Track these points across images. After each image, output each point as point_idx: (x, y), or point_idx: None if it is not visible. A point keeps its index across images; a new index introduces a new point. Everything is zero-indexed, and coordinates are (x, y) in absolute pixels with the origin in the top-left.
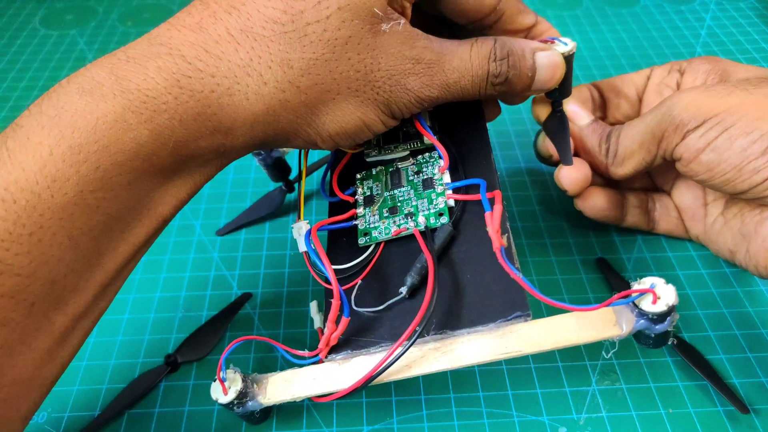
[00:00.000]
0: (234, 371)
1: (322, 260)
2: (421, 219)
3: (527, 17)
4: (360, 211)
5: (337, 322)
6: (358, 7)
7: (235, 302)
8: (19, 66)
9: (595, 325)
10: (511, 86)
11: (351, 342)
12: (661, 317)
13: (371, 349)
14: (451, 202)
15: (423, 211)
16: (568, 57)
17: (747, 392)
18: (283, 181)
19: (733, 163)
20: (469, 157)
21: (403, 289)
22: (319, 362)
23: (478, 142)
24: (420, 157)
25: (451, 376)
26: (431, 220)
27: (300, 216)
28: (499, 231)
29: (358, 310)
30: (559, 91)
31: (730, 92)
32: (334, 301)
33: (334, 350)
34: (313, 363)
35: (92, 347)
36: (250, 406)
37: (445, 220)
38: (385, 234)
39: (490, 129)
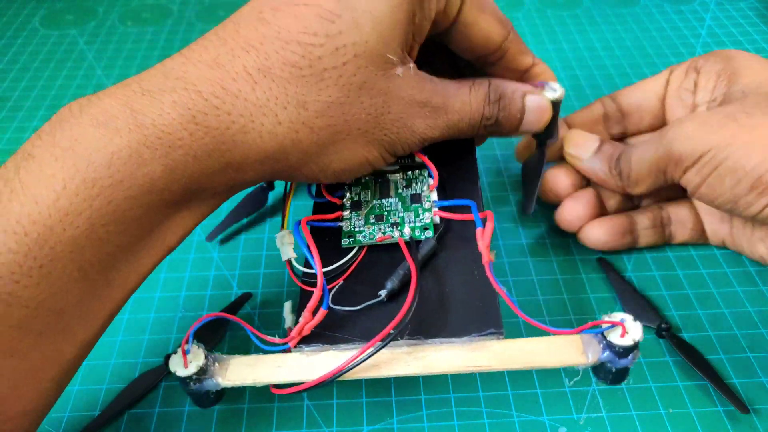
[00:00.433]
0: (198, 347)
1: (311, 250)
2: (407, 230)
3: (527, 58)
4: (346, 214)
5: (314, 313)
6: (374, 54)
7: (235, 302)
8: (19, 66)
9: (565, 351)
10: (500, 127)
11: (323, 336)
12: (626, 351)
13: (342, 346)
14: (437, 219)
15: (409, 222)
16: (556, 102)
17: (747, 392)
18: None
19: (727, 198)
20: (457, 180)
21: (383, 292)
22: (288, 351)
23: (467, 166)
24: (410, 172)
25: (451, 376)
26: (416, 233)
27: (284, 225)
28: (488, 246)
29: (334, 308)
30: (545, 134)
31: (722, 124)
32: (316, 291)
33: (304, 341)
34: (281, 351)
35: None
36: (207, 384)
37: (429, 234)
38: (369, 239)
39: (478, 152)
